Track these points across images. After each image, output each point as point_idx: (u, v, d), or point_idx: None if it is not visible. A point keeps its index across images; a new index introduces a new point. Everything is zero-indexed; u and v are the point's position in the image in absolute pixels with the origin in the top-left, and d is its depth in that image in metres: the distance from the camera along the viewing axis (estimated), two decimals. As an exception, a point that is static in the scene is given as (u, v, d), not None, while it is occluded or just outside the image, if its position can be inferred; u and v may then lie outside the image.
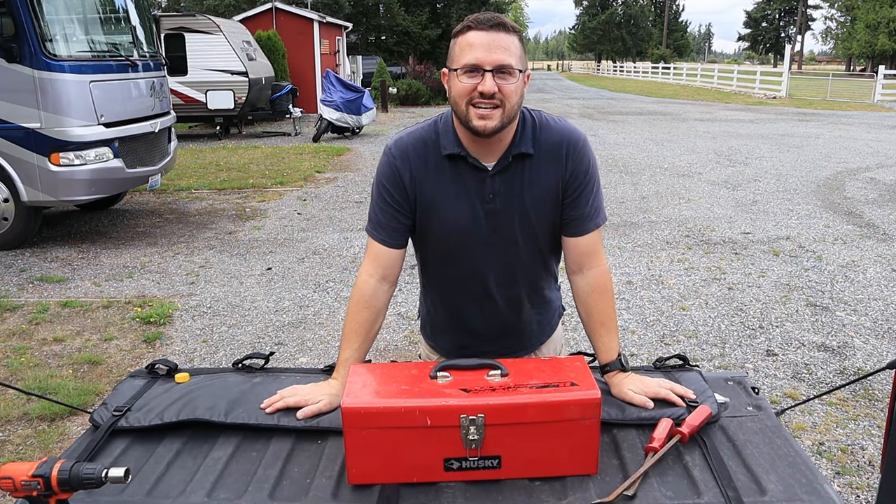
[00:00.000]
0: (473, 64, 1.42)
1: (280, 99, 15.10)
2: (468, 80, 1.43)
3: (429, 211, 1.57)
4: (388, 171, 1.57)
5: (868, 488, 2.70)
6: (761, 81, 28.39)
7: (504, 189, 1.55)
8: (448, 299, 1.72)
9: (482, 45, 1.41)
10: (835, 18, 65.57)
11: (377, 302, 1.60)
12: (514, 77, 1.43)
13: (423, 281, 1.77)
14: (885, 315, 4.52)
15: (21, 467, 1.06)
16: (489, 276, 1.63)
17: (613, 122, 17.50)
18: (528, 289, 1.68)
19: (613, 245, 6.18)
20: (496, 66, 1.41)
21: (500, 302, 1.66)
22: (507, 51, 1.42)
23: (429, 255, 1.68)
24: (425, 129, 1.58)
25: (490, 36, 1.41)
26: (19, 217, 5.94)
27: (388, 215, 1.58)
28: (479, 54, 1.41)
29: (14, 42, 5.49)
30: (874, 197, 8.19)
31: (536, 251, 1.64)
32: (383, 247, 1.59)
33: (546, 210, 1.58)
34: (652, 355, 3.92)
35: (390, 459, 1.23)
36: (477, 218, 1.56)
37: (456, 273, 1.65)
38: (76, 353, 3.98)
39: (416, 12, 34.81)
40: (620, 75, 55.61)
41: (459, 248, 1.60)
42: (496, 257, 1.61)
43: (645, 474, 1.25)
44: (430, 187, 1.56)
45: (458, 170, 1.55)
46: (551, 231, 1.62)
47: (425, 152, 1.56)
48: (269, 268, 5.60)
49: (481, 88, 1.41)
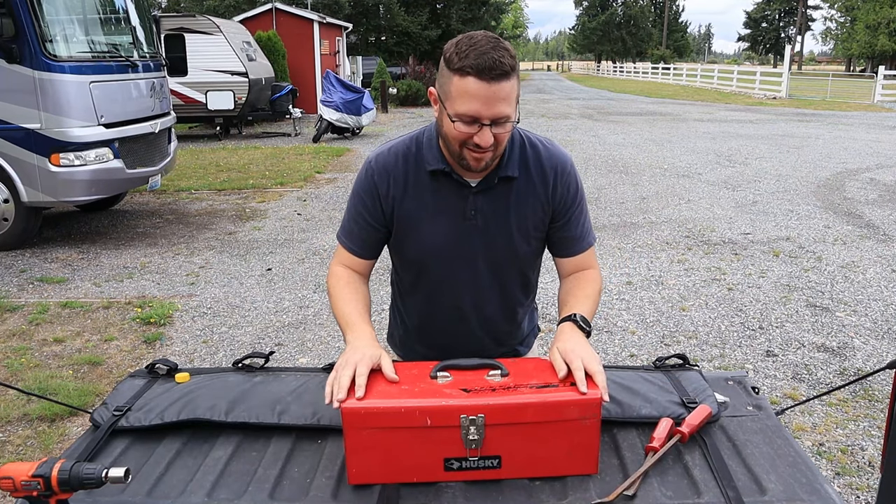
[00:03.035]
0: (472, 116, 1.36)
1: (280, 99, 15.10)
2: (464, 127, 1.37)
3: (406, 226, 1.55)
4: (367, 184, 1.55)
5: (868, 489, 2.70)
6: (761, 82, 28.41)
7: (487, 208, 1.53)
8: (420, 314, 1.69)
9: (483, 98, 1.34)
10: (834, 19, 65.65)
11: (357, 282, 1.59)
12: (509, 123, 1.39)
13: (396, 293, 1.76)
14: (885, 315, 4.52)
15: (21, 467, 1.06)
16: (464, 295, 1.61)
17: (613, 122, 17.50)
18: (503, 310, 1.66)
19: (613, 245, 6.18)
20: (495, 118, 1.36)
21: (473, 321, 1.64)
22: (507, 101, 1.36)
23: (403, 270, 1.66)
24: (407, 144, 1.56)
25: (492, 88, 1.33)
26: (19, 218, 5.94)
27: (360, 227, 1.58)
28: (479, 107, 1.34)
29: (14, 43, 5.49)
30: (874, 197, 8.19)
31: (516, 273, 1.63)
32: (353, 256, 1.61)
33: (530, 233, 1.57)
34: (652, 355, 3.92)
35: (390, 459, 1.23)
36: (456, 234, 1.54)
37: (430, 290, 1.63)
38: (76, 354, 3.98)
39: (416, 13, 34.85)
40: (620, 76, 55.63)
41: (435, 265, 1.58)
42: (474, 277, 1.59)
43: (645, 474, 1.25)
44: (408, 203, 1.53)
45: (439, 186, 1.52)
46: (532, 254, 1.61)
47: (406, 167, 1.53)
48: (270, 268, 5.60)
49: (478, 140, 1.38)
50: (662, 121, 17.74)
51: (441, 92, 1.41)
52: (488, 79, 1.32)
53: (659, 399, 1.48)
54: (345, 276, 1.59)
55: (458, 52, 1.35)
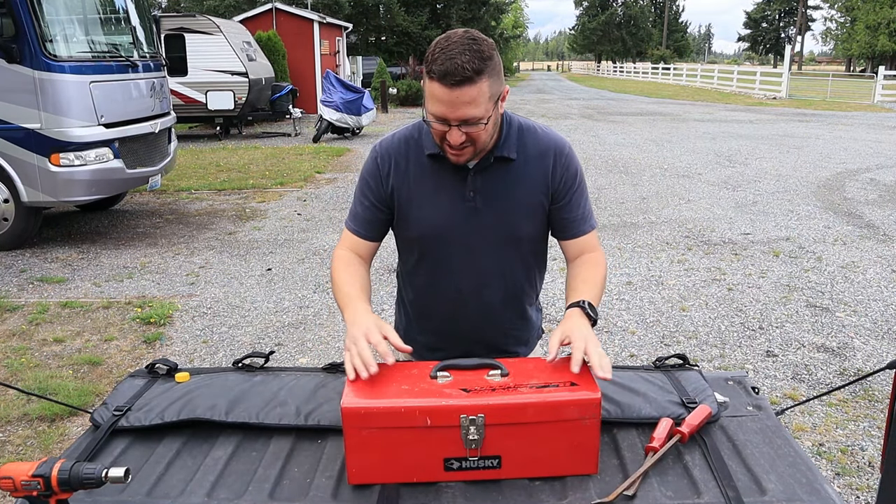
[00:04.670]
0: (440, 117, 1.42)
1: (280, 99, 15.10)
2: (437, 125, 1.44)
3: (407, 206, 1.60)
4: (371, 165, 1.62)
5: (868, 489, 2.70)
6: (761, 82, 28.41)
7: (485, 188, 1.56)
8: (420, 299, 1.72)
9: (446, 103, 1.39)
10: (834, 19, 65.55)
11: (357, 265, 1.62)
12: (481, 123, 1.42)
13: (400, 282, 1.79)
14: (885, 316, 4.52)
15: (21, 467, 1.06)
16: (462, 278, 1.63)
17: (613, 122, 17.50)
18: (503, 296, 1.66)
19: (613, 245, 6.18)
20: (461, 120, 1.41)
21: (472, 305, 1.65)
22: (472, 104, 1.39)
23: (405, 253, 1.70)
24: (409, 129, 1.62)
25: (454, 93, 1.37)
26: (19, 217, 5.94)
27: (364, 208, 1.63)
28: (444, 110, 1.40)
29: (14, 42, 5.49)
30: (874, 197, 8.19)
31: (518, 259, 1.64)
32: (357, 238, 1.65)
33: (530, 215, 1.58)
34: (652, 356, 3.92)
35: (390, 459, 1.23)
36: (456, 215, 1.57)
37: (430, 272, 1.66)
38: (76, 354, 3.98)
39: (417, 13, 34.84)
40: (620, 76, 55.63)
41: (435, 245, 1.61)
42: (473, 258, 1.61)
43: (645, 474, 1.25)
44: (409, 184, 1.59)
45: (438, 168, 1.57)
46: (534, 238, 1.62)
47: (408, 150, 1.60)
48: (269, 268, 5.60)
49: (449, 139, 1.44)
50: (662, 121, 17.74)
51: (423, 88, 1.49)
52: (450, 85, 1.37)
53: (659, 399, 1.48)
54: (346, 258, 1.63)
55: (432, 54, 1.40)
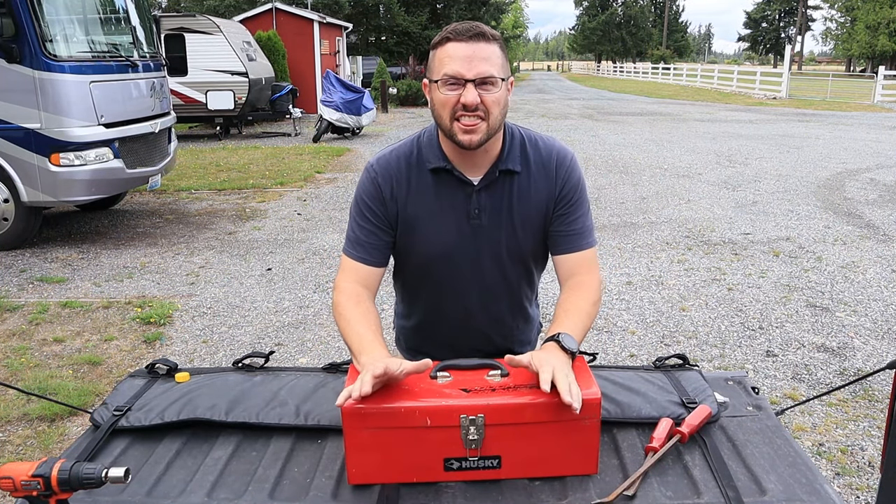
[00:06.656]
0: (454, 75, 1.38)
1: (280, 99, 15.10)
2: (449, 91, 1.39)
3: (411, 228, 1.54)
4: (369, 186, 1.53)
5: (868, 489, 2.70)
6: (761, 82, 28.40)
7: (490, 205, 1.52)
8: (427, 315, 1.69)
9: (462, 57, 1.38)
10: (835, 19, 65.61)
11: (366, 301, 1.50)
12: (496, 87, 1.40)
13: (401, 298, 1.74)
14: (885, 316, 4.52)
15: (21, 467, 1.06)
16: (471, 295, 1.61)
17: (613, 122, 17.50)
18: (510, 306, 1.66)
19: (613, 245, 6.18)
20: (478, 77, 1.38)
21: (481, 319, 1.64)
22: (489, 61, 1.38)
23: (408, 273, 1.64)
24: (407, 146, 1.55)
25: (470, 47, 1.38)
26: (19, 217, 5.94)
27: (367, 232, 1.53)
28: (460, 66, 1.37)
29: (14, 42, 5.49)
30: (874, 197, 8.19)
31: (522, 270, 1.62)
32: (362, 265, 1.53)
33: (534, 228, 1.56)
34: (652, 356, 3.92)
35: (390, 459, 1.23)
36: (461, 234, 1.53)
37: (436, 290, 1.62)
38: (76, 354, 3.98)
39: (417, 13, 34.82)
40: (620, 76, 55.60)
41: (441, 265, 1.57)
42: (480, 276, 1.58)
43: (645, 474, 1.25)
44: (412, 204, 1.52)
45: (442, 184, 1.52)
46: (537, 250, 1.60)
47: (408, 168, 1.53)
48: (269, 268, 5.60)
49: (464, 100, 1.38)
50: (662, 121, 17.74)
51: (428, 74, 1.47)
52: (466, 38, 1.39)
53: (659, 399, 1.48)
54: (353, 294, 1.50)
55: (440, 34, 1.44)
